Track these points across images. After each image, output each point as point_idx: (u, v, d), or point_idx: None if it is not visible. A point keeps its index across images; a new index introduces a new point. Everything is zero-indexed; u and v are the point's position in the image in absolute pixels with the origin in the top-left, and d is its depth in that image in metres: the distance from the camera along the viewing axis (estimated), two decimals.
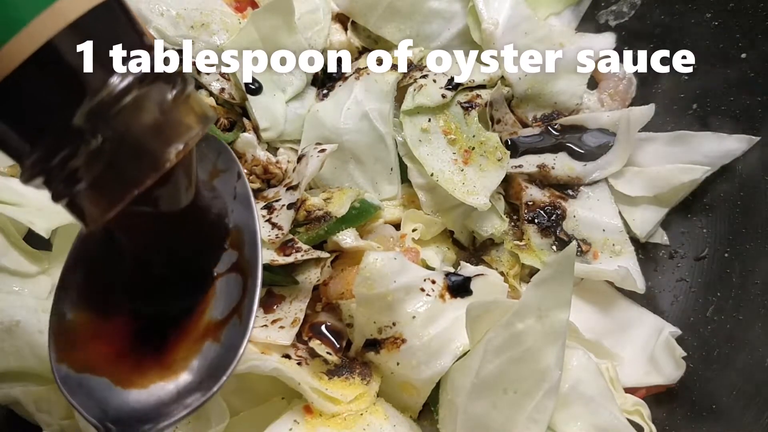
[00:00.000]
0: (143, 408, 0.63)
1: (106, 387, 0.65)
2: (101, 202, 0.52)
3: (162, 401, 0.63)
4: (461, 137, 1.01)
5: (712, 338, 0.96)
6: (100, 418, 0.62)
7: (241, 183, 0.73)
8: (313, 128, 1.03)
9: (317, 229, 0.93)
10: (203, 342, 0.66)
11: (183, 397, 0.63)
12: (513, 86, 1.08)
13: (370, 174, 1.02)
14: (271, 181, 1.02)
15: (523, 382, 0.75)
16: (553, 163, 1.05)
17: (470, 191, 0.98)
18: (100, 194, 0.51)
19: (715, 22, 1.02)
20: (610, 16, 1.16)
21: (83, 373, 0.65)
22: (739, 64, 0.99)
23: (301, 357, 0.87)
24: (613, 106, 1.11)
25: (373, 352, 0.85)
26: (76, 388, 0.64)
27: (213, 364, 0.64)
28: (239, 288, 0.67)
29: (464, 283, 0.88)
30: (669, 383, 0.95)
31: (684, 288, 1.03)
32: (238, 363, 0.63)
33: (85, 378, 0.65)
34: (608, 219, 1.04)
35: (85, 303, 0.70)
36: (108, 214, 0.52)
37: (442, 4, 1.09)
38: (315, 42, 1.09)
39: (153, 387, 0.64)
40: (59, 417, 0.87)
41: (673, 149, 1.04)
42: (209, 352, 0.65)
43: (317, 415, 0.82)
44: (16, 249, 0.92)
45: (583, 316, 0.98)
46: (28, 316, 0.87)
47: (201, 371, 0.64)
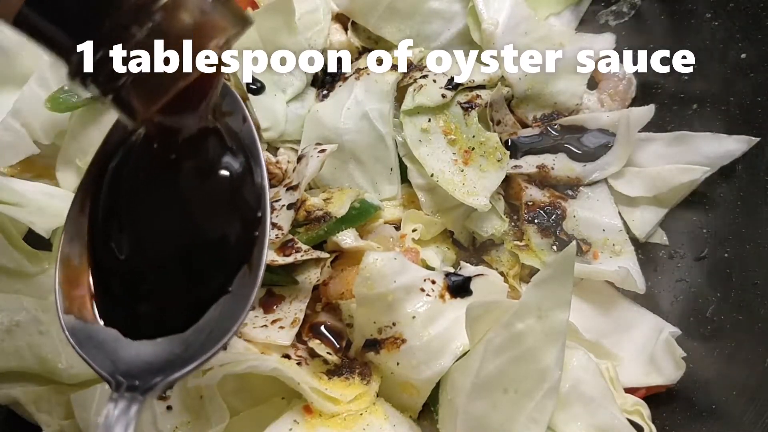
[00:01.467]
0: (154, 360, 0.62)
1: (115, 338, 0.64)
2: (146, 95, 0.55)
3: (173, 353, 0.62)
4: (461, 137, 1.01)
5: (712, 338, 0.96)
6: (111, 371, 0.61)
7: (246, 126, 0.72)
8: (313, 128, 1.03)
9: (317, 230, 0.93)
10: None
11: (193, 347, 0.62)
12: (513, 86, 1.08)
13: (370, 174, 1.02)
14: (271, 181, 1.03)
15: (523, 382, 0.75)
16: (553, 163, 1.05)
17: (470, 192, 0.98)
18: (145, 87, 0.55)
19: (715, 22, 1.02)
20: (610, 16, 1.16)
21: (92, 323, 0.64)
22: (739, 64, 0.99)
23: (301, 357, 0.87)
24: (613, 107, 1.11)
25: (373, 352, 0.85)
26: (85, 340, 0.63)
27: (223, 314, 0.63)
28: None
29: (464, 283, 0.88)
30: (669, 383, 0.95)
31: (684, 288, 1.03)
32: (248, 312, 0.63)
33: (94, 329, 0.64)
34: (608, 219, 1.04)
35: (92, 249, 0.69)
36: (153, 107, 0.55)
37: (442, 4, 1.09)
38: (315, 42, 1.09)
39: (163, 338, 0.63)
40: (59, 417, 0.87)
41: (673, 150, 1.04)
42: (219, 302, 0.64)
43: (317, 415, 0.82)
44: (16, 249, 0.92)
45: (583, 316, 0.98)
46: (28, 316, 0.88)
47: (211, 321, 0.63)
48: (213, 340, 0.62)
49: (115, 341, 0.64)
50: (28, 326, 0.87)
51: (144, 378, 0.60)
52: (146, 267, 0.68)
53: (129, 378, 0.60)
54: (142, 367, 0.62)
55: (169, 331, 0.64)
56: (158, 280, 0.67)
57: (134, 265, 0.68)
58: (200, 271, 0.67)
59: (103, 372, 0.61)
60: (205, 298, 0.65)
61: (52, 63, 0.96)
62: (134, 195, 0.69)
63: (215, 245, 0.68)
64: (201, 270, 0.67)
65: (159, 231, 0.69)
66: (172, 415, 0.83)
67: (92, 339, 0.64)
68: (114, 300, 0.67)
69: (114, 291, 0.68)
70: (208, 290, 0.65)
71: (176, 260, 0.68)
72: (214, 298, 0.65)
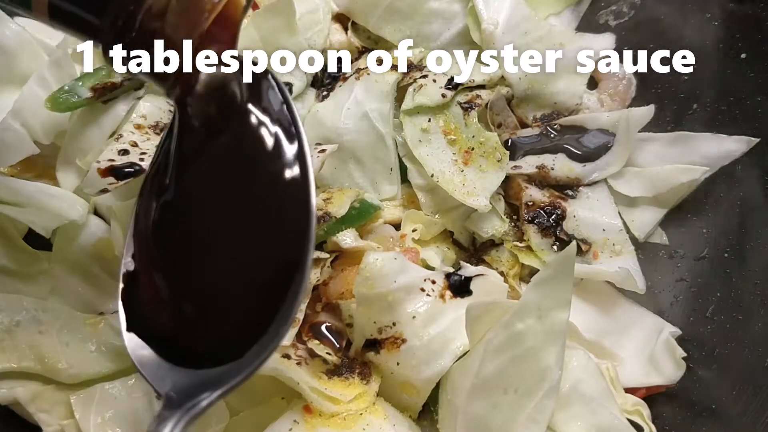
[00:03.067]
0: (204, 377, 0.62)
1: (160, 365, 0.65)
2: (186, 24, 0.61)
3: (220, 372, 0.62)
4: (461, 137, 1.01)
5: (712, 338, 0.96)
6: (165, 390, 0.62)
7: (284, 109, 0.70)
8: (313, 128, 1.03)
9: (317, 230, 0.93)
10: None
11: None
12: (513, 86, 1.08)
13: (370, 174, 1.02)
14: None
15: (523, 382, 0.75)
16: (553, 163, 1.05)
17: (470, 192, 0.98)
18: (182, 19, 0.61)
19: (715, 22, 1.02)
20: (610, 16, 1.16)
21: (148, 346, 0.66)
22: (739, 64, 0.99)
23: (301, 357, 0.87)
24: (612, 107, 1.11)
25: (373, 352, 0.85)
26: (143, 360, 0.65)
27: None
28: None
29: (464, 283, 0.88)
30: (669, 383, 0.95)
31: (684, 288, 1.03)
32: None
33: (146, 353, 0.65)
34: (608, 219, 1.04)
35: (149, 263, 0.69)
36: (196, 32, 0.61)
37: (442, 4, 1.09)
38: (315, 42, 1.09)
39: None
40: (59, 417, 0.87)
41: (673, 150, 1.04)
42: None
43: (317, 414, 0.82)
44: (16, 249, 0.92)
45: (583, 317, 0.98)
46: (28, 316, 0.88)
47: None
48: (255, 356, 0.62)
49: (160, 366, 0.65)
50: (28, 326, 0.87)
51: (194, 395, 0.61)
52: (200, 283, 0.68)
53: (181, 394, 0.61)
54: (193, 384, 0.62)
55: (223, 360, 0.63)
56: (213, 297, 0.67)
57: (188, 281, 0.68)
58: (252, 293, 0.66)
59: (158, 389, 0.63)
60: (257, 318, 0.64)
61: (52, 63, 0.96)
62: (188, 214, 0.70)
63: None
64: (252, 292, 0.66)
65: (214, 243, 0.69)
66: None
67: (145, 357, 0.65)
68: (163, 325, 0.68)
69: (164, 313, 0.68)
70: (260, 310, 0.64)
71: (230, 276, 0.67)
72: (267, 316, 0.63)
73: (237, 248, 0.67)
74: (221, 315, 0.66)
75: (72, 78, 0.96)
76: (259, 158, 0.67)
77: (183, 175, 0.70)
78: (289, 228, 0.64)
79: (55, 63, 0.96)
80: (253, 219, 0.66)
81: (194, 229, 0.69)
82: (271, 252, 0.65)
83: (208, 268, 0.68)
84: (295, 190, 0.64)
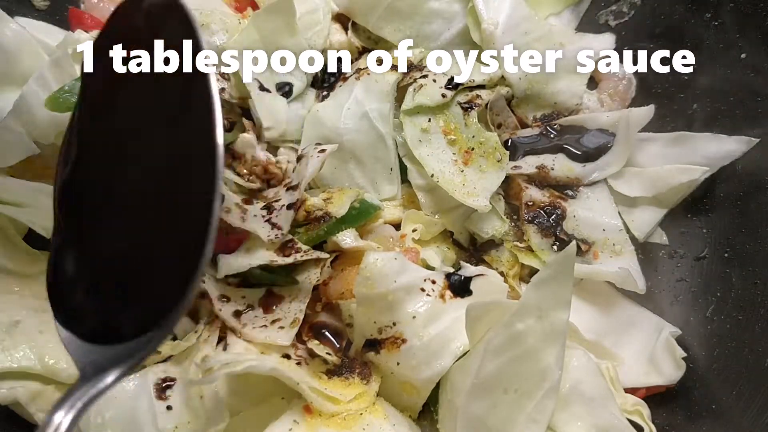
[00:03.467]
0: (117, 352, 0.63)
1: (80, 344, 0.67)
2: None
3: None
4: (461, 137, 1.01)
5: (712, 338, 0.96)
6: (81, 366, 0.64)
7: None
8: (313, 128, 1.03)
9: (317, 230, 0.93)
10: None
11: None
12: (513, 86, 1.08)
13: (370, 174, 1.02)
14: (271, 181, 1.02)
15: (523, 382, 0.75)
16: (553, 163, 1.05)
17: (470, 192, 0.98)
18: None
19: (715, 22, 1.02)
20: (610, 16, 1.16)
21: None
22: (739, 64, 0.99)
23: (301, 357, 0.87)
24: (612, 107, 1.11)
25: (373, 352, 0.85)
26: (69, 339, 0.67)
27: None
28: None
29: (464, 283, 0.88)
30: (669, 383, 0.95)
31: (684, 288, 1.03)
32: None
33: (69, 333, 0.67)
34: (608, 219, 1.04)
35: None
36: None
37: (442, 4, 1.09)
38: (315, 42, 1.09)
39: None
40: None
41: (673, 150, 1.04)
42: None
43: (317, 414, 0.82)
44: (16, 249, 0.92)
45: (584, 317, 0.98)
46: (28, 316, 0.88)
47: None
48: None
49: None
50: (28, 326, 0.87)
51: (104, 368, 0.62)
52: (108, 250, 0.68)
53: (94, 370, 0.62)
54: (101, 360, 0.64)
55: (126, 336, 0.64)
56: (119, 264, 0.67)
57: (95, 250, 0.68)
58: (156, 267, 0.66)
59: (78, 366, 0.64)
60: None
61: (52, 63, 0.96)
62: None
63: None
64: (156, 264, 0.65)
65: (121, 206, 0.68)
66: (172, 415, 0.83)
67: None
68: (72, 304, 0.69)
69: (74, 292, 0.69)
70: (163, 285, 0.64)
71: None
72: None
73: (143, 206, 0.65)
74: (132, 282, 0.66)
75: (72, 78, 0.96)
76: (160, 100, 0.64)
77: (84, 131, 0.69)
78: (195, 172, 0.61)
79: (55, 63, 0.96)
80: (157, 171, 0.64)
81: (99, 191, 0.69)
82: (179, 207, 0.63)
83: (116, 231, 0.68)
84: (199, 124, 0.60)
